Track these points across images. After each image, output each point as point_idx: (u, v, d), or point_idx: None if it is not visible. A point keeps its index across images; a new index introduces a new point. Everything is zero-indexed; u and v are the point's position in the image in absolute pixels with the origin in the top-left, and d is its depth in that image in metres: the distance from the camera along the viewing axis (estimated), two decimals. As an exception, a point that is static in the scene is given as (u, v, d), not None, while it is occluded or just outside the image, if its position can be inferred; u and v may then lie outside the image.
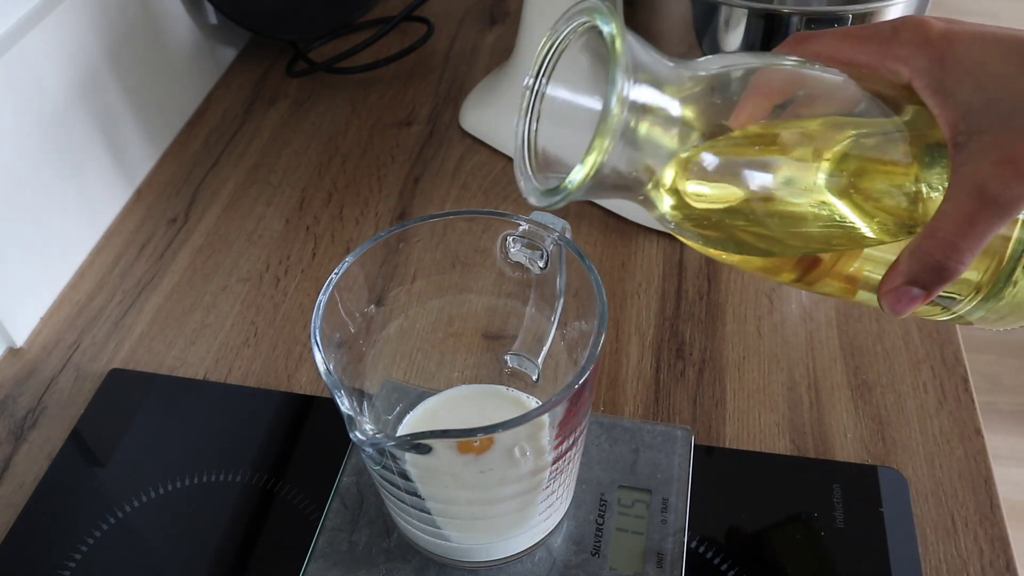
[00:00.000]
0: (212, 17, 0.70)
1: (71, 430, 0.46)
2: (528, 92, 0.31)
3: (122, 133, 0.60)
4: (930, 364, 0.49)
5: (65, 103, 0.54)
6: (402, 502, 0.35)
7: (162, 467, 0.45)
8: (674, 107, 0.27)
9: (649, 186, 0.29)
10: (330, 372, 0.32)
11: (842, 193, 0.28)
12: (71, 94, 0.54)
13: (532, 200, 0.29)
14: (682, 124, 0.28)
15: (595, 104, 0.30)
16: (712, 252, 0.31)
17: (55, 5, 0.52)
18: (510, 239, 0.37)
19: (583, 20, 0.28)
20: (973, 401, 0.47)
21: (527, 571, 0.39)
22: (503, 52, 0.74)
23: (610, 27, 0.26)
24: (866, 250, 0.31)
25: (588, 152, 0.26)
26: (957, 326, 0.51)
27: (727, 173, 0.28)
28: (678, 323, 0.52)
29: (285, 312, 0.53)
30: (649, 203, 0.30)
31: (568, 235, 0.36)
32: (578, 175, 0.27)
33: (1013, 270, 0.30)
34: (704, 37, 0.50)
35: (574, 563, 0.39)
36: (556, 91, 0.31)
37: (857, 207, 0.29)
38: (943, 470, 0.44)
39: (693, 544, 0.41)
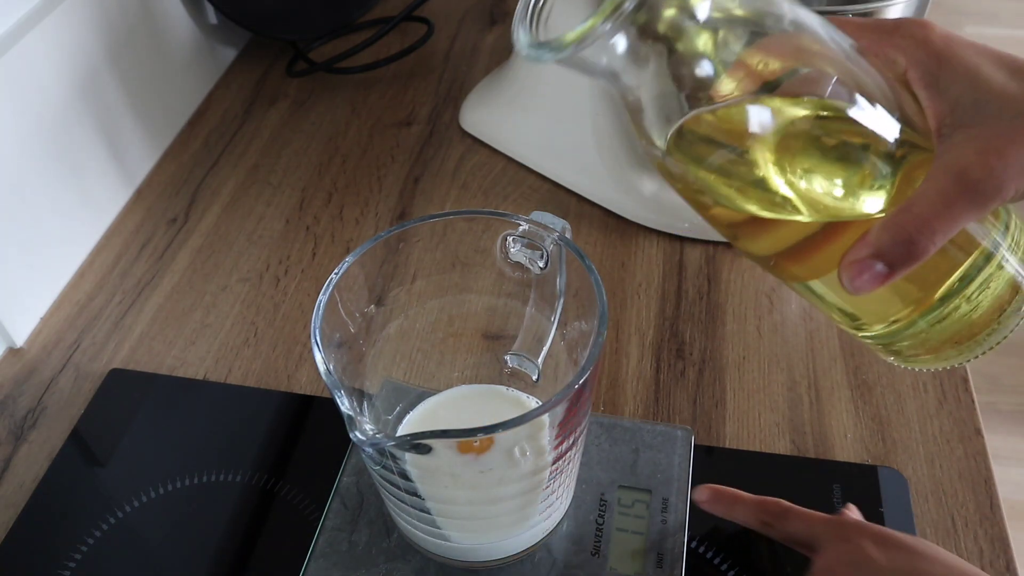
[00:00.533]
0: (212, 17, 0.70)
1: (71, 430, 0.46)
2: None
3: (122, 133, 0.60)
4: (930, 364, 0.49)
5: (65, 103, 0.54)
6: (402, 502, 0.35)
7: (162, 467, 0.45)
8: (701, 9, 0.27)
9: (636, 80, 0.28)
10: (330, 372, 0.32)
11: (826, 167, 0.29)
12: (71, 94, 0.54)
13: (523, 50, 0.28)
14: (698, 35, 0.27)
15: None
16: (670, 181, 0.31)
17: (55, 5, 0.52)
18: (510, 239, 0.37)
19: None
20: (973, 401, 0.47)
21: (527, 571, 0.39)
22: (503, 52, 0.74)
23: None
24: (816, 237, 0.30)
25: (599, 11, 0.26)
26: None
27: (717, 107, 0.28)
28: (678, 323, 0.52)
29: (285, 312, 0.53)
30: (631, 101, 0.29)
31: (568, 235, 0.36)
32: (577, 30, 0.26)
33: (959, 290, 0.30)
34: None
35: (574, 563, 0.39)
36: None
37: (831, 182, 0.29)
38: (943, 470, 0.44)
39: (693, 544, 0.41)
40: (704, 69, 0.28)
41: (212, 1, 0.66)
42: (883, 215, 0.29)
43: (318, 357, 0.32)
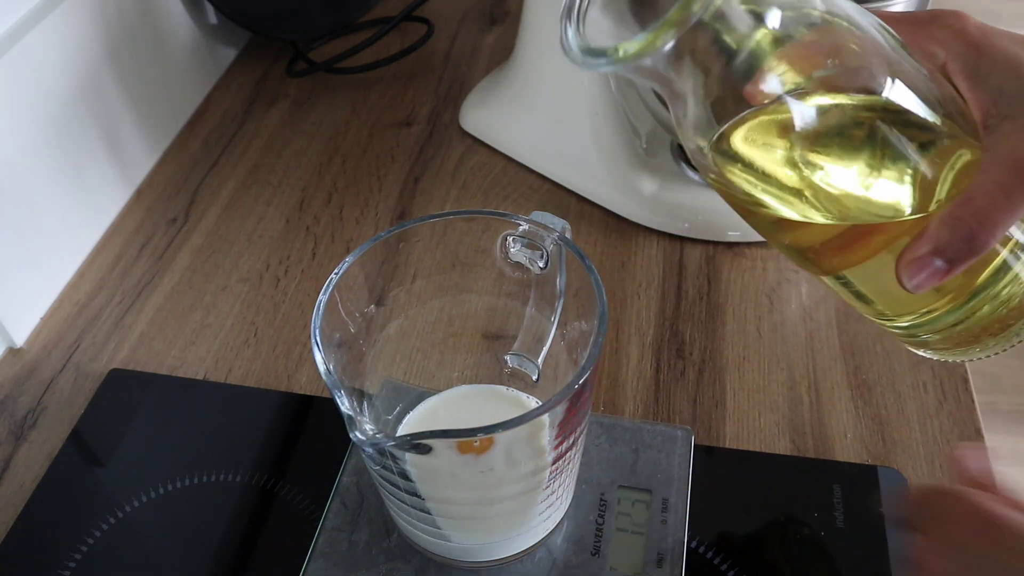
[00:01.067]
0: (212, 17, 0.70)
1: (71, 430, 0.46)
2: None
3: (122, 133, 0.60)
4: (930, 364, 0.49)
5: (65, 103, 0.54)
6: (402, 502, 0.35)
7: (162, 467, 0.45)
8: (772, 17, 0.27)
9: (694, 87, 0.28)
10: (330, 372, 0.32)
11: (873, 165, 0.28)
12: (71, 94, 0.54)
13: (573, 54, 0.28)
14: (751, 41, 0.27)
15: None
16: (729, 196, 0.31)
17: (55, 5, 0.52)
18: (510, 239, 0.37)
19: None
20: (973, 401, 0.47)
21: (527, 571, 0.39)
22: (503, 52, 0.74)
23: None
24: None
25: (659, 24, 0.25)
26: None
27: (784, 117, 0.28)
28: (678, 323, 0.52)
29: (285, 312, 0.53)
30: (677, 104, 0.29)
31: (568, 235, 0.36)
32: (637, 43, 0.26)
33: (991, 284, 0.30)
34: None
35: (574, 563, 0.39)
36: None
37: (879, 180, 0.29)
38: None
39: (693, 544, 0.41)
40: (751, 72, 0.28)
41: (212, 1, 0.66)
42: (921, 211, 0.29)
43: (318, 357, 0.32)
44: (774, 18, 0.28)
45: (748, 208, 0.31)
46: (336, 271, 0.35)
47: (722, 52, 0.27)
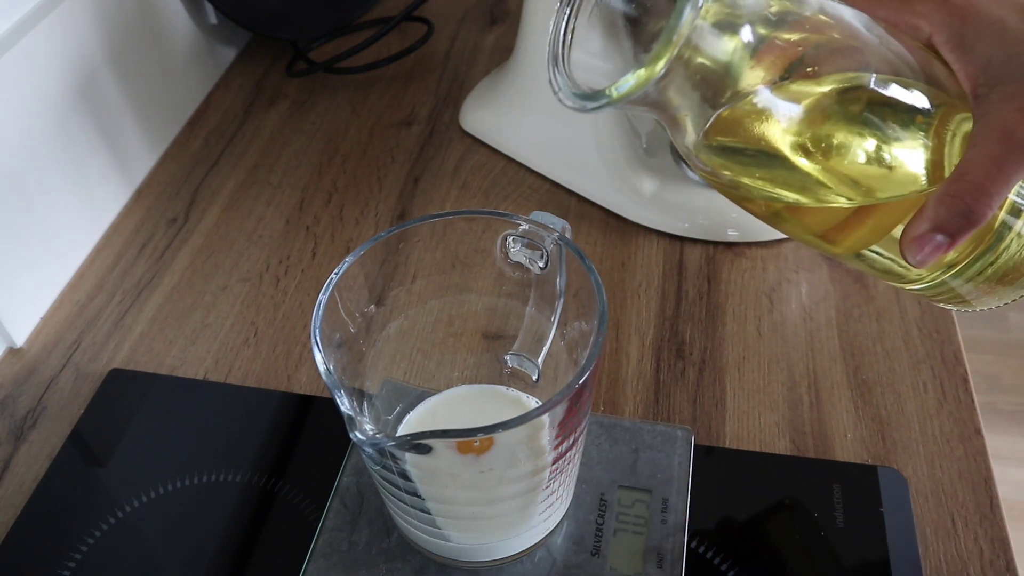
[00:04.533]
0: (212, 17, 0.70)
1: (71, 430, 0.46)
2: None
3: (122, 133, 0.60)
4: (930, 364, 0.49)
5: (65, 103, 0.54)
6: (402, 502, 0.35)
7: (162, 467, 0.45)
8: (745, 32, 0.27)
9: (689, 109, 0.28)
10: (330, 372, 0.32)
11: (862, 146, 0.29)
12: (71, 94, 0.54)
13: (565, 99, 0.28)
14: (742, 49, 0.27)
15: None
16: (727, 192, 0.31)
17: (55, 5, 0.52)
18: (510, 239, 0.37)
19: None
20: (973, 401, 0.47)
21: (527, 571, 0.39)
22: (503, 52, 0.74)
23: None
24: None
25: (649, 60, 0.26)
26: (956, 326, 0.51)
27: (767, 110, 0.28)
28: (678, 323, 0.52)
29: (285, 312, 0.53)
30: (680, 126, 0.29)
31: (568, 235, 0.36)
32: (629, 82, 0.26)
33: (1000, 240, 0.30)
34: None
35: (574, 563, 0.39)
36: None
37: (871, 160, 0.29)
38: (943, 470, 0.44)
39: (693, 544, 0.41)
40: (735, 76, 0.28)
41: (212, 1, 0.66)
42: (927, 184, 0.29)
43: (318, 357, 0.32)
44: (752, 23, 0.28)
45: (753, 203, 0.31)
46: (336, 271, 0.35)
47: (712, 63, 0.28)
